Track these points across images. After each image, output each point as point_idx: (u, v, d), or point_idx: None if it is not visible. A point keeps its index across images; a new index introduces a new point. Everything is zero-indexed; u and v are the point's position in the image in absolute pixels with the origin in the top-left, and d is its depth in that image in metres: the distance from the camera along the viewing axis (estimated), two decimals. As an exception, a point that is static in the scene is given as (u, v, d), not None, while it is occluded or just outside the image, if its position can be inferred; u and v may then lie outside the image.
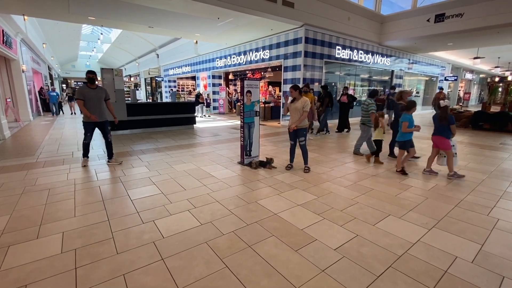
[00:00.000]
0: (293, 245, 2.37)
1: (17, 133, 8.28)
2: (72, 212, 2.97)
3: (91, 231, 2.57)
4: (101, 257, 2.17)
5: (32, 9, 7.92)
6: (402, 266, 2.10)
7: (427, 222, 2.82)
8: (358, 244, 2.40)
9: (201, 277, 1.96)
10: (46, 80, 18.88)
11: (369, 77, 13.32)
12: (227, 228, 2.65)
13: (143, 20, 9.05)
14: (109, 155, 5.05)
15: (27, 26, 10.86)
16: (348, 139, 7.74)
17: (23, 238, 2.45)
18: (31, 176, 4.19)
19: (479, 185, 3.97)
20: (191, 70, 17.87)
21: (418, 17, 10.49)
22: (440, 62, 17.69)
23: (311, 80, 10.11)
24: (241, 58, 12.80)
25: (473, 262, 2.16)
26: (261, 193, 3.61)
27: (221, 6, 7.12)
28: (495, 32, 9.53)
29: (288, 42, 10.07)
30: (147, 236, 2.49)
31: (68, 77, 38.32)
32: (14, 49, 10.12)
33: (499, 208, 3.19)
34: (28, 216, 2.87)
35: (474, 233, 2.61)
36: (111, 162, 4.99)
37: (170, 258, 2.17)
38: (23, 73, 11.19)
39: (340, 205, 3.24)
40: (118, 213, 2.96)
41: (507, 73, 23.74)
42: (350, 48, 11.20)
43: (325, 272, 2.01)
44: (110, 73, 7.72)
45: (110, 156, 5.04)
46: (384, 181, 4.11)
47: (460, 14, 9.26)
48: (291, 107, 4.49)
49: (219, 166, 4.85)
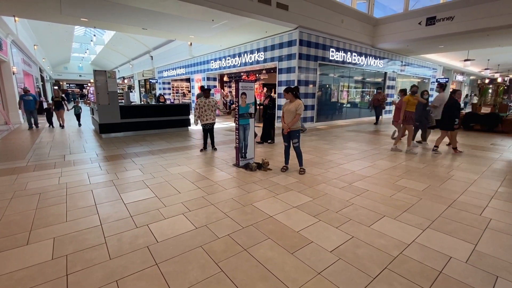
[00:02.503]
0: (289, 247, 2.36)
1: (7, 136, 8.11)
2: (63, 217, 2.91)
3: (83, 236, 2.52)
4: (94, 263, 2.12)
5: (23, 10, 7.79)
6: (397, 267, 2.10)
7: (421, 222, 2.84)
8: (354, 245, 2.40)
9: (196, 281, 1.93)
10: (37, 82, 18.57)
11: (363, 79, 13.48)
12: (222, 232, 2.63)
13: (137, 22, 8.99)
14: None
15: (18, 28, 10.69)
16: (348, 139, 7.78)
17: (13, 244, 2.38)
18: (21, 180, 4.09)
19: (471, 185, 4.02)
20: (186, 72, 17.80)
21: (410, 20, 10.67)
22: (432, 64, 17.99)
23: (306, 82, 10.16)
24: (236, 60, 12.80)
25: (467, 262, 2.18)
26: (257, 195, 3.60)
27: (215, 8, 7.11)
28: (484, 35, 9.75)
29: (282, 44, 10.12)
30: (141, 241, 2.45)
31: (60, 79, 37.78)
32: (4, 50, 9.94)
33: (491, 208, 3.23)
34: (18, 222, 2.80)
35: (467, 233, 2.64)
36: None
37: (165, 263, 2.13)
38: (14, 75, 10.99)
39: (336, 206, 3.24)
40: (111, 218, 2.91)
41: (497, 75, 24.27)
42: (344, 50, 11.32)
43: (321, 275, 2.01)
44: (103, 75, 7.64)
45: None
46: (378, 182, 4.13)
47: (451, 17, 9.44)
48: (285, 109, 4.50)
49: (214, 169, 4.82)
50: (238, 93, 4.63)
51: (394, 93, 15.29)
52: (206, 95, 6.13)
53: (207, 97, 6.12)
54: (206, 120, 6.10)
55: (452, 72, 21.45)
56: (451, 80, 21.76)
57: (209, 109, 6.11)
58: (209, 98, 6.15)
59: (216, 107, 6.24)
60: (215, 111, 6.26)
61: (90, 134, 8.60)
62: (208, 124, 6.16)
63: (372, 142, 7.56)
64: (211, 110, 6.14)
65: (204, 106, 6.05)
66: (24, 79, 14.24)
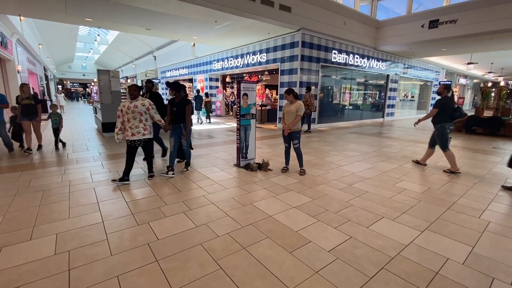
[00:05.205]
0: (287, 246, 2.39)
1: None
2: (66, 214, 2.96)
3: (85, 233, 2.56)
4: (95, 259, 2.16)
5: (28, 10, 7.90)
6: (394, 267, 2.12)
7: (420, 224, 2.85)
8: (352, 246, 2.42)
9: (195, 278, 1.96)
10: (41, 81, 18.75)
11: (365, 81, 13.48)
12: (222, 230, 2.66)
13: (141, 22, 9.07)
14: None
15: (23, 27, 10.82)
16: (349, 141, 7.79)
17: (16, 239, 2.43)
18: (24, 177, 4.15)
19: (471, 188, 4.03)
20: (188, 73, 17.89)
21: (413, 23, 10.68)
22: (435, 67, 17.96)
23: (308, 84, 10.19)
24: (238, 61, 12.86)
25: (464, 263, 2.19)
26: (257, 195, 3.63)
27: (219, 10, 7.17)
28: (488, 38, 9.73)
29: (285, 45, 10.16)
30: (142, 238, 2.49)
31: (64, 78, 38.10)
32: (9, 49, 10.06)
33: (490, 211, 3.24)
34: (21, 218, 2.85)
35: (465, 235, 2.65)
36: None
37: (165, 260, 2.17)
38: (18, 73, 11.12)
39: (335, 207, 3.26)
40: (112, 215, 2.95)
41: (500, 79, 24.16)
42: (346, 52, 11.33)
43: (318, 274, 2.03)
44: (106, 74, 7.72)
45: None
46: (378, 184, 4.15)
47: (454, 20, 9.44)
48: (285, 110, 4.53)
49: (215, 168, 4.86)
50: (240, 94, 4.67)
51: (396, 95, 15.27)
52: (133, 95, 3.90)
53: (134, 99, 3.91)
54: (131, 135, 3.87)
55: (455, 75, 21.40)
56: (454, 83, 21.70)
57: (134, 118, 3.85)
58: (138, 101, 3.91)
59: (149, 113, 3.99)
60: (148, 121, 4.01)
61: (93, 133, 8.68)
62: (136, 142, 3.93)
63: (373, 144, 7.56)
64: (140, 120, 3.89)
65: (128, 113, 3.84)
66: (28, 78, 14.39)
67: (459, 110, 4.78)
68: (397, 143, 7.75)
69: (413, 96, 18.03)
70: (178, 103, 4.31)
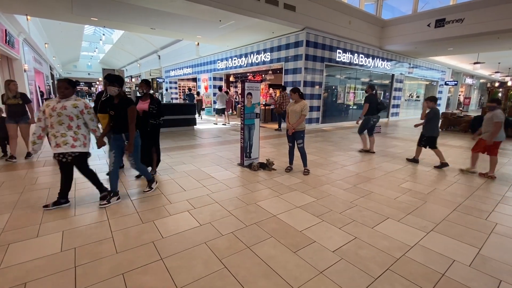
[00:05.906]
0: (291, 246, 2.39)
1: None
2: (72, 211, 2.98)
3: (91, 231, 2.59)
4: (101, 256, 2.18)
5: (35, 9, 7.98)
6: (400, 268, 2.11)
7: (425, 225, 2.83)
8: (357, 246, 2.41)
9: (200, 277, 1.97)
10: (47, 80, 18.95)
11: (370, 80, 13.38)
12: (226, 229, 2.66)
13: (145, 22, 9.11)
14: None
15: (30, 26, 10.93)
16: (353, 141, 7.75)
17: (23, 236, 2.46)
18: (31, 175, 4.20)
19: (478, 189, 3.98)
20: (192, 72, 17.93)
21: (418, 22, 10.57)
22: (441, 67, 17.76)
23: (312, 83, 10.15)
24: (242, 60, 12.86)
25: (470, 265, 2.17)
26: (261, 194, 3.62)
27: (223, 9, 7.17)
28: (495, 38, 9.60)
29: (289, 45, 10.12)
30: (147, 236, 2.50)
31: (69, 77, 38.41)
32: (16, 48, 10.17)
33: (497, 212, 3.20)
34: (28, 215, 2.88)
35: (472, 237, 2.62)
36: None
37: (169, 258, 2.18)
38: (25, 72, 11.24)
39: (339, 207, 3.25)
40: (117, 213, 2.97)
41: (507, 79, 23.81)
42: (351, 51, 11.26)
43: (323, 274, 2.02)
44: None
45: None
46: (383, 184, 4.12)
47: (461, 19, 9.32)
48: (290, 109, 4.51)
49: (219, 168, 4.87)
50: (244, 93, 4.67)
51: (401, 95, 15.14)
52: (62, 94, 2.87)
53: (64, 98, 2.89)
54: (55, 146, 2.85)
55: (461, 75, 21.15)
56: (460, 83, 21.45)
57: (60, 123, 2.83)
58: (68, 101, 2.89)
59: (82, 119, 2.98)
60: (81, 128, 2.99)
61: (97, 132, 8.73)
62: (61, 155, 2.89)
63: (378, 144, 7.51)
64: (69, 127, 2.87)
65: (52, 116, 2.81)
66: (35, 77, 14.56)
67: (381, 103, 6.27)
68: (402, 143, 7.69)
69: (418, 96, 17.86)
70: (118, 105, 3.07)
